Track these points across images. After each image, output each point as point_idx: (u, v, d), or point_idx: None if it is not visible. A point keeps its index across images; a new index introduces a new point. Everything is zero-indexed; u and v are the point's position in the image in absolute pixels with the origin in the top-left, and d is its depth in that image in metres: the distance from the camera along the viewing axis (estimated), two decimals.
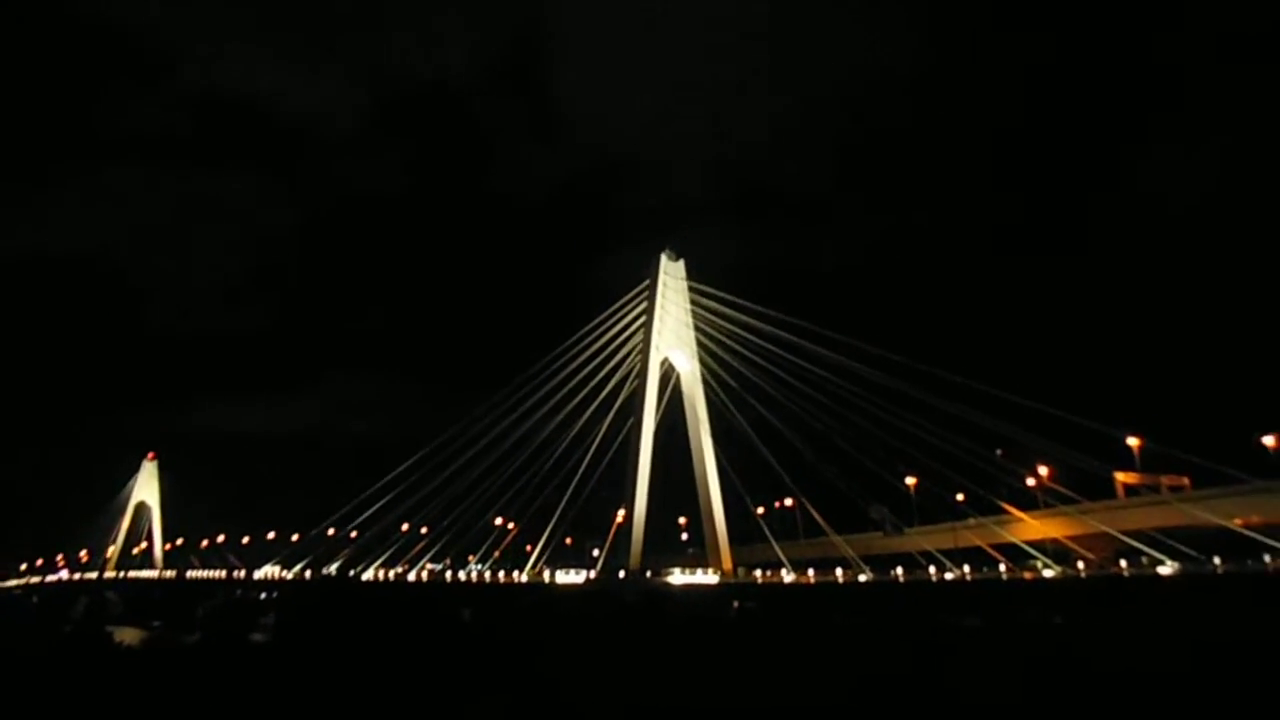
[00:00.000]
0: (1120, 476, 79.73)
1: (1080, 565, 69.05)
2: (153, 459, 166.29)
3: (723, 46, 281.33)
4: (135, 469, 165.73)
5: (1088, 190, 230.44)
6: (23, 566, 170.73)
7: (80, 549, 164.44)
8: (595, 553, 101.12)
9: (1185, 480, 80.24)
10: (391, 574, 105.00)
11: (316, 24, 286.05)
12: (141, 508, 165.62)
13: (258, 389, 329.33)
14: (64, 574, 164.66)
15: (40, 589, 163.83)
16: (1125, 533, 69.21)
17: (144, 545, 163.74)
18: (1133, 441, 75.71)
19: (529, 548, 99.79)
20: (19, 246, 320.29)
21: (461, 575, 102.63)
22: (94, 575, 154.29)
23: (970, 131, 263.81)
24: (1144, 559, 65.30)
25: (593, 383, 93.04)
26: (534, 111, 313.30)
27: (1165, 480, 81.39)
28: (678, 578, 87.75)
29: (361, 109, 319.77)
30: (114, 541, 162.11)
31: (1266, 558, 59.92)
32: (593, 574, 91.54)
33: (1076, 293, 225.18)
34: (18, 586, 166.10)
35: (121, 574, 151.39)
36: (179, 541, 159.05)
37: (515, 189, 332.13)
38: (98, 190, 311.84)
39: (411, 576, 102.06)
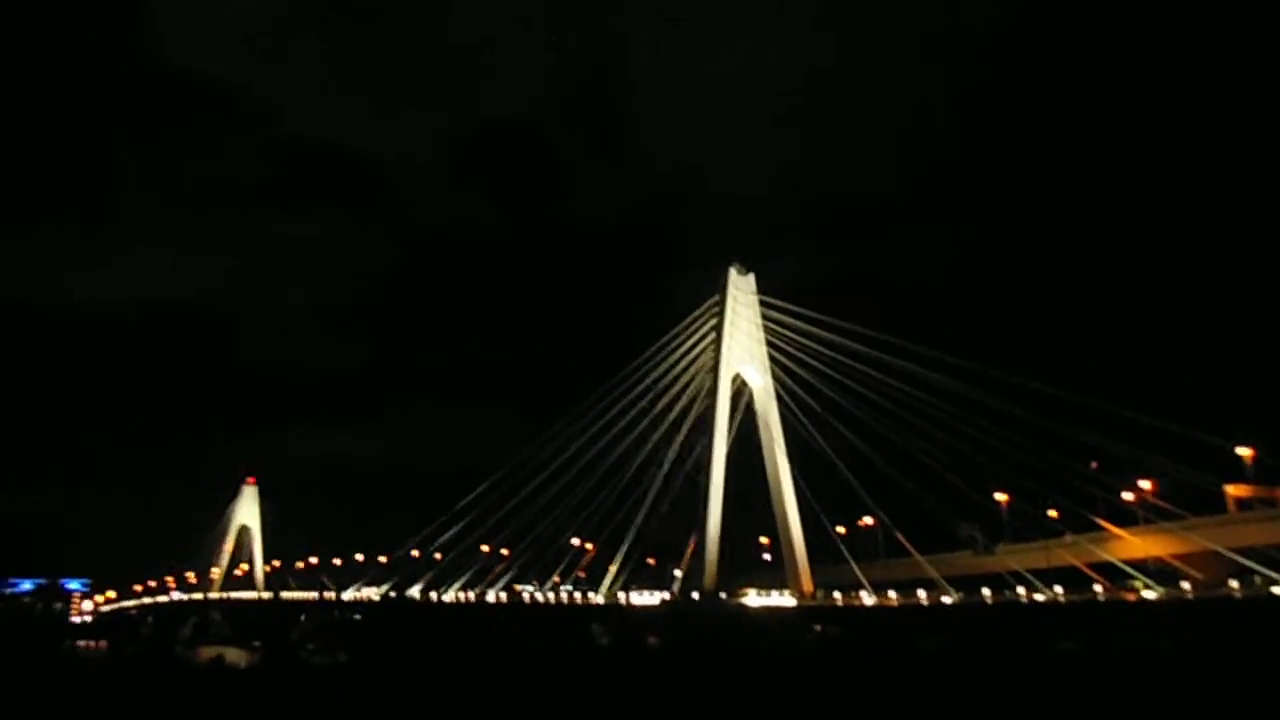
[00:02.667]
0: (1231, 490, 73.72)
1: (1186, 585, 64.02)
2: (253, 483, 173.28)
3: (789, 67, 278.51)
4: (237, 494, 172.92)
5: (1183, 182, 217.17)
6: (138, 588, 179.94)
7: (188, 571, 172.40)
8: (677, 573, 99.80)
9: None
10: (472, 595, 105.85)
11: (393, 67, 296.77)
12: (244, 530, 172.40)
13: (349, 417, 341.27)
14: (176, 595, 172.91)
15: (154, 609, 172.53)
16: (1237, 550, 63.80)
17: (245, 567, 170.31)
18: (1244, 452, 70.28)
19: (612, 568, 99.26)
20: (124, 291, 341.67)
21: (534, 595, 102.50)
22: (200, 596, 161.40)
23: (1046, 136, 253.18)
24: (1258, 578, 60.01)
25: (664, 400, 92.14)
26: (606, 138, 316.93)
27: None
28: (753, 599, 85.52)
29: (441, 146, 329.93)
30: (219, 563, 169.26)
31: None
32: (667, 595, 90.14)
33: (1181, 295, 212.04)
34: (133, 607, 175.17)
35: (225, 595, 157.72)
36: (276, 563, 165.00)
37: (590, 215, 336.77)
38: (192, 236, 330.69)
39: (490, 597, 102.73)
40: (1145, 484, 74.71)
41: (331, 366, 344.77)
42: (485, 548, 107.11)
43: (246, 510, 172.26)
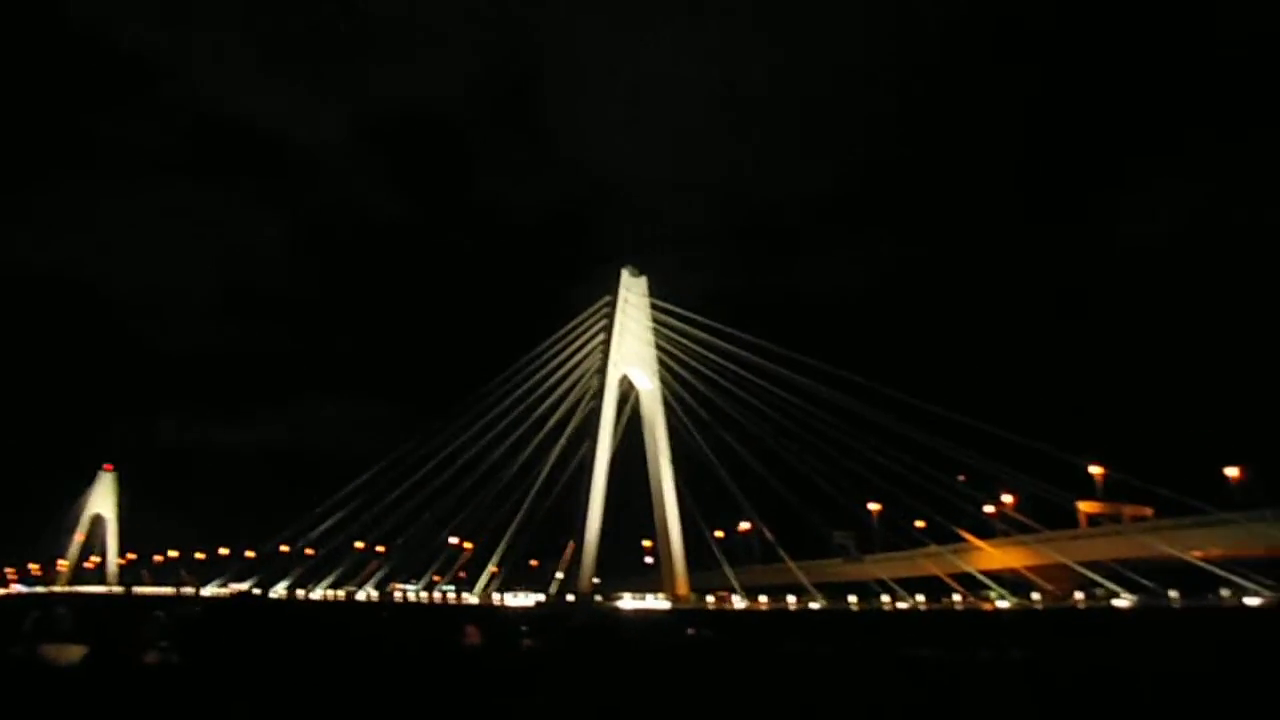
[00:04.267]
0: (1083, 506, 77.88)
1: (1036, 596, 67.06)
2: (110, 470, 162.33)
3: (718, 75, 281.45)
4: (92, 481, 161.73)
5: (1058, 221, 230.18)
6: None
7: (32, 561, 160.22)
8: (559, 575, 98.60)
9: (1148, 511, 78.44)
10: (341, 593, 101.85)
11: (305, 44, 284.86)
12: (97, 520, 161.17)
13: (228, 405, 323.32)
14: (16, 587, 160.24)
15: None
16: (1085, 564, 67.28)
17: (97, 559, 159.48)
18: (1096, 470, 74.26)
19: (495, 569, 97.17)
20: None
21: (407, 594, 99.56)
22: (43, 589, 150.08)
23: (958, 166, 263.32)
24: (1099, 591, 63.37)
25: (549, 399, 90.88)
26: (524, 134, 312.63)
27: (1128, 510, 79.53)
28: (627, 602, 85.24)
29: (348, 129, 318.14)
30: (67, 554, 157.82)
31: (1225, 592, 58.12)
32: (543, 597, 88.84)
33: (1042, 321, 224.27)
34: None
35: (72, 589, 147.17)
36: (132, 556, 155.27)
37: (501, 211, 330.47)
38: (77, 203, 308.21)
39: (360, 595, 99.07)
40: (1007, 498, 78.26)
41: (218, 350, 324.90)
42: (359, 544, 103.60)
43: (101, 499, 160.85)
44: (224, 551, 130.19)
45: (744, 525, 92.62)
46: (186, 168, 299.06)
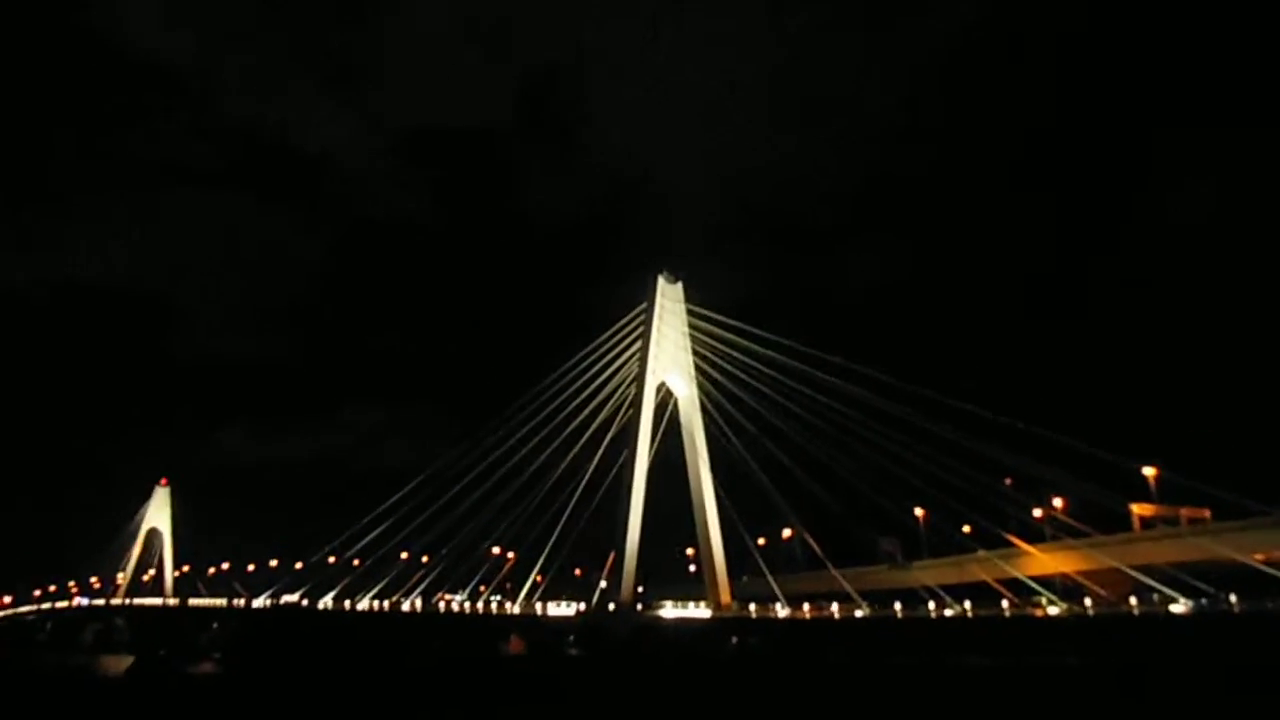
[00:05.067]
0: (1136, 509, 75.46)
1: (1088, 602, 65.02)
2: (165, 484, 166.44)
3: (745, 81, 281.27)
4: (148, 495, 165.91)
5: (1106, 216, 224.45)
6: (37, 592, 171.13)
7: (93, 575, 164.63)
8: (603, 584, 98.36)
9: (1206, 513, 75.79)
10: (386, 604, 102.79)
11: (345, 59, 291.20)
12: (153, 534, 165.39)
13: (278, 417, 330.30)
14: (78, 600, 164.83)
15: (53, 614, 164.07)
16: (1139, 568, 65.04)
17: (153, 572, 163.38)
18: (1149, 471, 71.81)
19: (539, 578, 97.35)
20: (47, 273, 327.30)
21: (450, 604, 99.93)
22: (102, 602, 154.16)
23: (985, 165, 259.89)
24: (1156, 596, 61.18)
25: (588, 408, 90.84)
26: (556, 142, 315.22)
27: (1185, 512, 76.96)
28: (669, 611, 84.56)
29: (388, 139, 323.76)
30: (125, 568, 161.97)
31: None
32: (584, 606, 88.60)
33: (1093, 321, 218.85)
34: (31, 612, 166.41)
35: (129, 601, 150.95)
36: (186, 568, 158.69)
37: (534, 218, 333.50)
38: (127, 218, 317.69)
39: (405, 606, 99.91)
40: (1058, 502, 76.21)
41: (263, 362, 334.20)
42: (404, 554, 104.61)
43: (157, 513, 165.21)
44: (274, 563, 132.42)
45: (786, 532, 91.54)
46: (230, 184, 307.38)
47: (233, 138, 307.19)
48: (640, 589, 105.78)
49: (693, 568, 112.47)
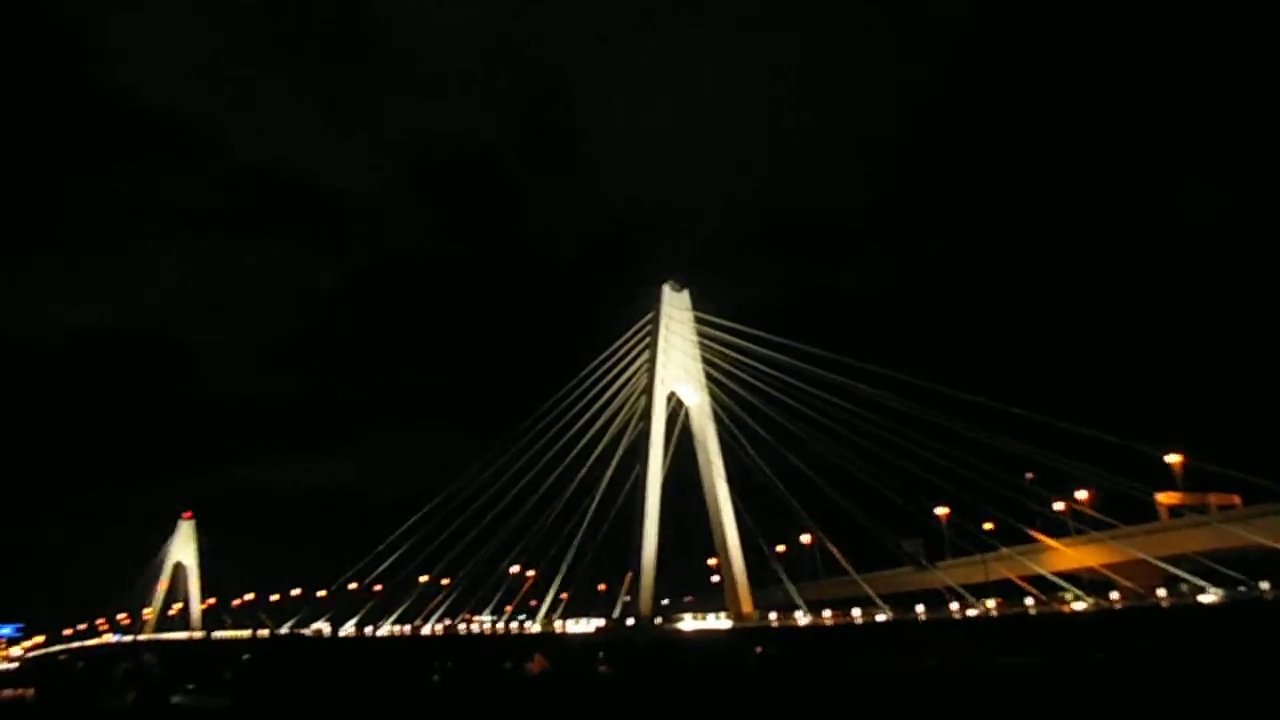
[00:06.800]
0: (1162, 498, 73.46)
1: (1114, 595, 63.22)
2: (189, 518, 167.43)
3: (748, 92, 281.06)
4: (173, 530, 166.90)
5: (1114, 203, 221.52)
6: (68, 631, 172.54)
7: (121, 611, 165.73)
8: (626, 599, 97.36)
9: (1236, 499, 73.67)
10: (407, 629, 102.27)
11: (347, 95, 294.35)
12: (179, 568, 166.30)
13: (296, 449, 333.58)
14: (108, 637, 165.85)
15: (85, 653, 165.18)
16: (1168, 558, 63.18)
17: (180, 605, 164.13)
18: (1173, 459, 69.74)
19: (564, 595, 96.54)
20: (65, 322, 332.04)
21: (470, 626, 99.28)
22: (130, 638, 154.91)
23: (993, 161, 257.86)
24: (1185, 586, 59.33)
25: (598, 422, 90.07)
26: (562, 163, 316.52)
27: (1214, 499, 74.81)
28: (688, 623, 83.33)
29: (395, 173, 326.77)
30: (152, 603, 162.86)
31: None
32: (603, 622, 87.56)
33: (1110, 310, 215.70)
34: (61, 651, 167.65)
35: (156, 636, 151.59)
36: (212, 600, 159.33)
37: (544, 241, 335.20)
38: (140, 263, 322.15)
39: (426, 630, 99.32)
40: (1081, 494, 74.31)
41: (281, 397, 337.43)
42: (424, 578, 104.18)
43: (182, 547, 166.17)
44: (296, 592, 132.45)
45: (806, 538, 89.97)
46: (238, 223, 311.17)
47: (241, 178, 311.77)
48: (664, 601, 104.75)
49: (715, 578, 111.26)
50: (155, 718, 53.44)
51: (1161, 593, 61.39)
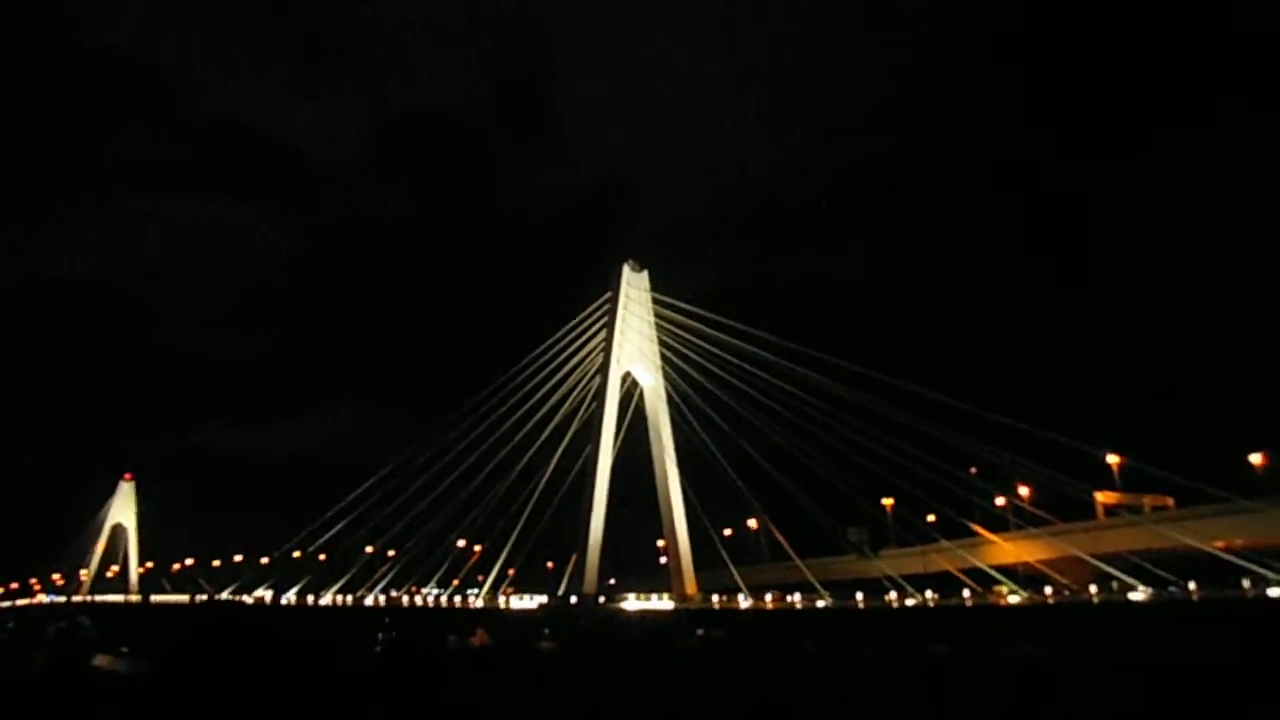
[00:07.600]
0: (1100, 496, 75.37)
1: (1048, 590, 64.65)
2: (130, 479, 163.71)
3: (725, 73, 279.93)
4: (113, 491, 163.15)
5: (1073, 208, 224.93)
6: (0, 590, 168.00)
7: (55, 571, 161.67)
8: (575, 577, 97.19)
9: (1170, 500, 75.81)
10: (350, 598, 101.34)
11: (317, 53, 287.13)
12: (118, 530, 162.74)
13: (251, 413, 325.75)
14: (41, 597, 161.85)
15: (14, 613, 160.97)
16: (1102, 556, 64.72)
17: (117, 568, 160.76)
18: (1113, 459, 71.45)
19: (511, 571, 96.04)
20: (19, 274, 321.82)
21: (413, 599, 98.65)
22: (64, 599, 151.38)
23: (966, 157, 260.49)
24: (1115, 584, 60.85)
25: (551, 400, 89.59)
26: (533, 136, 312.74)
27: (1148, 500, 77.00)
28: (632, 603, 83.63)
29: (364, 135, 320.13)
30: (89, 564, 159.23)
31: (1246, 583, 55.47)
32: (545, 600, 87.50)
33: (1057, 310, 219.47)
34: None
35: (91, 598, 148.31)
36: (150, 564, 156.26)
37: (512, 213, 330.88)
38: (100, 218, 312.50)
39: (369, 600, 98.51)
40: (1024, 490, 75.80)
41: (235, 359, 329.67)
42: (369, 549, 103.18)
43: (122, 508, 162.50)
44: (239, 558, 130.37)
45: (753, 523, 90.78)
46: (203, 181, 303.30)
47: (206, 135, 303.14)
48: (612, 581, 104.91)
49: (664, 559, 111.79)
50: (69, 681, 51.95)
51: (1093, 589, 62.90)
